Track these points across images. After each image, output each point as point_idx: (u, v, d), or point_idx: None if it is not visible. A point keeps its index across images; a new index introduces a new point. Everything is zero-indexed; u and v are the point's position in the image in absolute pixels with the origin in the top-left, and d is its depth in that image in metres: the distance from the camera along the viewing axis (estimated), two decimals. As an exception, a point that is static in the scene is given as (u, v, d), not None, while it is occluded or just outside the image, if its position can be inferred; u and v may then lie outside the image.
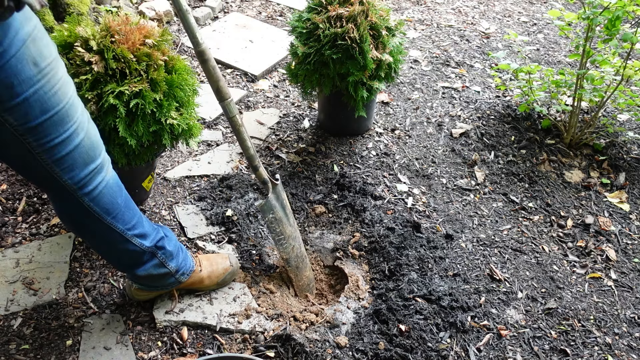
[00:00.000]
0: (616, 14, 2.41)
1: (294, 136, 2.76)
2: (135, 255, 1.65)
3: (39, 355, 1.70)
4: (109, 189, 1.50)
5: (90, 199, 1.45)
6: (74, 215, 1.51)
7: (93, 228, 1.53)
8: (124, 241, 1.59)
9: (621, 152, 2.84)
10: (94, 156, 1.43)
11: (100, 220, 1.51)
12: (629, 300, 2.09)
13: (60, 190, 1.41)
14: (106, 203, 1.50)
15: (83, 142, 1.37)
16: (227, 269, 1.93)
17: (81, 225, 1.54)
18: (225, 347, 1.78)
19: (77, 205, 1.46)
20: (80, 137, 1.36)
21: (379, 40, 2.45)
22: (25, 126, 1.24)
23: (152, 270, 1.71)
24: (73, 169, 1.38)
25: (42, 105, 1.24)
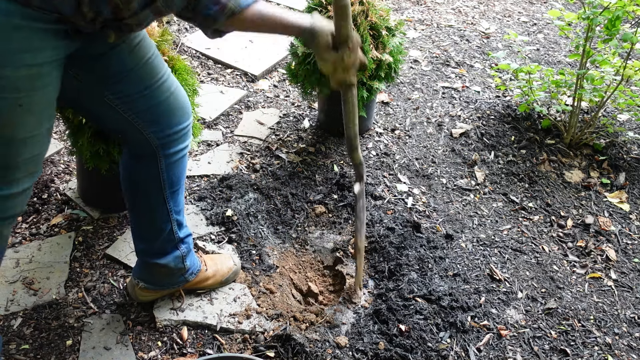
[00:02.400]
0: (616, 14, 2.41)
1: (294, 136, 2.76)
2: (167, 240, 1.69)
3: (39, 355, 1.70)
4: (182, 163, 1.60)
5: (166, 164, 1.53)
6: (142, 176, 1.56)
7: (150, 195, 1.59)
8: (166, 221, 1.65)
9: (621, 152, 2.84)
10: (180, 119, 1.50)
11: (162, 190, 1.58)
12: (629, 300, 2.09)
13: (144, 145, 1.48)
14: (175, 175, 1.58)
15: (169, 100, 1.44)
16: (231, 268, 1.94)
17: (142, 188, 1.60)
18: (225, 347, 1.78)
19: (152, 165, 1.53)
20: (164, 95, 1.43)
21: (379, 40, 2.45)
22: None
23: (172, 263, 1.73)
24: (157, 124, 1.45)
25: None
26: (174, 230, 1.68)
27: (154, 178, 1.56)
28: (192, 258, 1.82)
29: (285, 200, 2.34)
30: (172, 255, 1.73)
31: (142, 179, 1.59)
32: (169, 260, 1.73)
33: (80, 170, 2.17)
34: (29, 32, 1.10)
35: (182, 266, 1.77)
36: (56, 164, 2.41)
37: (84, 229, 2.12)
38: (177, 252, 1.74)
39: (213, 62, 3.27)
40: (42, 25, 1.11)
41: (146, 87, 1.41)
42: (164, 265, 1.73)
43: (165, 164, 1.55)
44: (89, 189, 2.21)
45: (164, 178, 1.56)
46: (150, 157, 1.52)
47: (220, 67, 3.25)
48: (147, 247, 1.72)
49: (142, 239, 1.72)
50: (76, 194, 2.26)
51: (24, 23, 1.08)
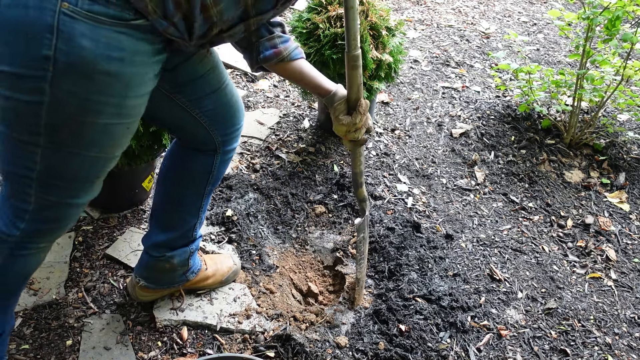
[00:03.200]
0: (616, 14, 2.41)
1: (294, 136, 2.76)
2: (184, 236, 1.73)
3: (39, 355, 1.70)
4: (227, 163, 1.69)
5: (221, 160, 1.63)
6: (195, 168, 1.63)
7: (193, 187, 1.66)
8: (195, 214, 1.71)
9: (621, 152, 2.84)
10: (238, 120, 1.61)
11: (205, 184, 1.66)
12: (629, 300, 2.09)
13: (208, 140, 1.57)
14: (221, 173, 1.67)
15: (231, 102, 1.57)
16: (231, 268, 1.94)
17: (188, 179, 1.66)
18: (225, 347, 1.78)
19: (209, 160, 1.61)
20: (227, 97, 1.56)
21: (379, 40, 2.45)
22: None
23: (177, 258, 1.75)
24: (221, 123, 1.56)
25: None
26: (195, 227, 1.74)
27: (206, 171, 1.64)
28: (195, 257, 1.84)
29: (285, 200, 2.34)
30: (182, 250, 1.75)
31: (193, 170, 1.64)
32: (176, 254, 1.74)
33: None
34: (151, 64, 1.21)
35: (186, 264, 1.79)
36: (56, 164, 2.41)
37: (84, 229, 2.12)
38: (187, 249, 1.76)
39: (213, 62, 3.27)
40: (157, 56, 1.22)
41: (214, 91, 1.53)
42: (169, 260, 1.73)
43: (220, 160, 1.63)
44: (89, 189, 2.20)
45: (213, 173, 1.64)
46: (210, 152, 1.61)
47: (220, 67, 3.25)
48: (163, 238, 1.73)
49: (163, 229, 1.73)
50: (76, 194, 2.26)
51: (147, 59, 1.19)
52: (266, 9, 1.29)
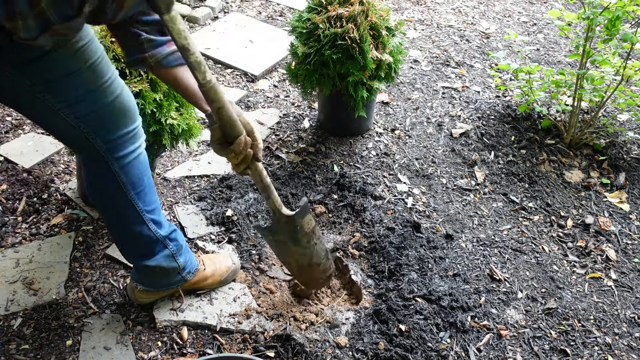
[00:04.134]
0: (616, 14, 2.41)
1: (294, 136, 2.76)
2: (149, 241, 1.66)
3: (39, 355, 1.70)
4: (139, 163, 1.56)
5: (119, 166, 1.51)
6: (101, 181, 1.55)
7: (115, 199, 1.57)
8: (140, 222, 1.61)
9: (621, 152, 2.84)
10: (126, 122, 1.48)
11: (125, 192, 1.55)
12: (629, 300, 2.09)
13: (91, 150, 1.47)
14: (134, 176, 1.55)
15: (114, 104, 1.43)
16: (230, 267, 1.94)
17: (105, 194, 1.58)
18: (225, 347, 1.78)
19: (106, 170, 1.50)
20: (109, 98, 1.42)
21: (379, 40, 2.45)
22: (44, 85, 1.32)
23: (163, 262, 1.71)
24: (101, 128, 1.44)
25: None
26: (151, 229, 1.64)
27: (112, 182, 1.53)
28: (186, 256, 1.79)
29: (285, 200, 2.34)
30: (161, 254, 1.70)
31: (102, 184, 1.55)
32: (159, 261, 1.70)
33: (80, 170, 2.17)
34: None
35: (175, 265, 1.75)
36: (56, 164, 2.41)
37: (84, 229, 2.12)
38: (166, 250, 1.71)
39: (213, 62, 3.27)
40: None
41: (89, 91, 1.38)
42: (156, 266, 1.71)
43: (119, 167, 1.51)
44: (89, 189, 2.20)
45: (122, 181, 1.53)
46: (101, 161, 1.49)
47: (220, 67, 3.25)
48: (131, 250, 1.71)
49: (123, 244, 1.71)
50: (76, 194, 2.26)
51: None
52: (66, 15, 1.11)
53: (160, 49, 1.35)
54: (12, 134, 2.54)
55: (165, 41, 1.36)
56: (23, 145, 2.46)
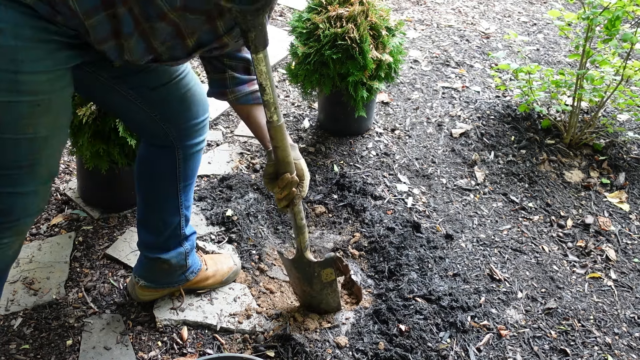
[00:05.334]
0: (616, 14, 2.41)
1: (294, 136, 2.76)
2: (172, 235, 1.70)
3: (39, 355, 1.70)
4: (199, 156, 1.65)
5: (183, 155, 1.58)
6: (158, 165, 1.60)
7: (164, 186, 1.63)
8: (175, 214, 1.67)
9: (621, 152, 2.84)
10: (198, 113, 1.55)
11: (176, 181, 1.62)
12: (629, 300, 2.09)
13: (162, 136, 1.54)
14: (190, 168, 1.63)
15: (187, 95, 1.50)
16: (231, 268, 1.94)
17: (156, 178, 1.63)
18: (225, 347, 1.78)
19: (169, 156, 1.57)
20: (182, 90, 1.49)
21: (379, 40, 2.45)
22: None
23: (174, 259, 1.74)
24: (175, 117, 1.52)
25: None
26: (181, 225, 1.70)
27: (171, 169, 1.60)
28: (193, 257, 1.82)
29: (285, 200, 2.34)
30: (176, 251, 1.74)
31: (159, 170, 1.62)
32: (172, 256, 1.73)
33: (80, 170, 2.17)
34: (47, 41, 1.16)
35: (184, 264, 1.78)
36: (56, 164, 2.41)
37: (84, 229, 2.12)
38: (181, 248, 1.75)
39: (213, 62, 3.27)
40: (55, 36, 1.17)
41: (164, 84, 1.46)
42: (166, 261, 1.73)
43: (183, 156, 1.59)
44: (89, 189, 2.21)
45: (180, 170, 1.60)
46: (168, 148, 1.57)
47: (220, 67, 3.25)
48: (152, 240, 1.72)
49: (149, 232, 1.73)
50: (76, 194, 2.26)
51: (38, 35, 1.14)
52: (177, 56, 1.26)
53: (241, 87, 1.44)
54: (12, 134, 2.54)
55: (248, 80, 1.44)
56: (23, 145, 2.46)
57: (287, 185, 1.45)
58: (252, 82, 1.46)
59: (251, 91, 1.45)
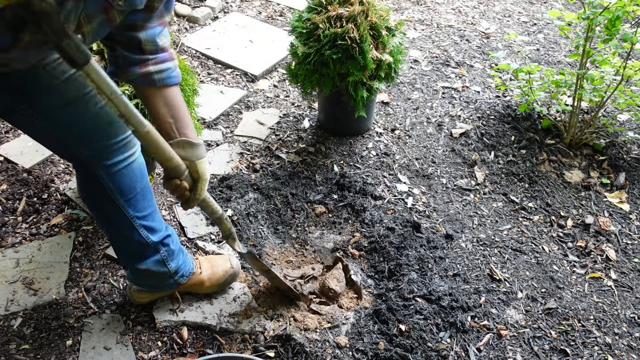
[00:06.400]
0: (616, 14, 2.41)
1: (294, 136, 2.76)
2: (139, 246, 1.64)
3: (39, 355, 1.70)
4: (131, 171, 1.52)
5: (107, 174, 1.48)
6: (89, 187, 1.54)
7: (104, 205, 1.55)
8: (130, 228, 1.60)
9: (621, 152, 2.84)
10: (114, 132, 1.43)
11: (113, 199, 1.52)
12: (629, 300, 2.09)
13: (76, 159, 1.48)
14: (123, 184, 1.52)
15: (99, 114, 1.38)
16: (228, 271, 1.91)
17: (94, 199, 1.57)
18: (225, 347, 1.78)
19: (92, 177, 1.48)
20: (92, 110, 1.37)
21: (379, 40, 2.45)
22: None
23: (152, 267, 1.70)
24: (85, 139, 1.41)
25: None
26: (143, 235, 1.62)
27: (100, 189, 1.50)
28: (178, 261, 1.76)
29: (285, 200, 2.34)
30: (152, 259, 1.69)
31: (91, 190, 1.55)
32: (149, 265, 1.69)
33: (80, 170, 2.17)
34: None
35: (165, 269, 1.73)
36: (56, 164, 2.41)
37: (84, 229, 2.12)
38: (157, 255, 1.69)
39: (213, 62, 3.27)
40: None
41: (68, 103, 1.34)
42: (146, 270, 1.70)
43: (106, 175, 1.48)
44: (89, 189, 2.21)
45: (110, 188, 1.50)
46: (87, 169, 1.48)
47: (220, 67, 3.25)
48: (121, 252, 1.71)
49: (115, 246, 1.72)
50: (76, 194, 2.26)
51: None
52: None
53: (132, 69, 1.32)
54: (12, 134, 2.54)
55: (140, 61, 1.32)
56: (23, 145, 2.46)
57: (174, 190, 1.36)
58: (146, 63, 1.31)
59: (142, 73, 1.32)
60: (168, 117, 1.36)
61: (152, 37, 1.30)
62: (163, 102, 1.36)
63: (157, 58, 1.33)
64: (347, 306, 1.95)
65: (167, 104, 1.36)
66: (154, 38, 1.31)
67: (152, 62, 1.33)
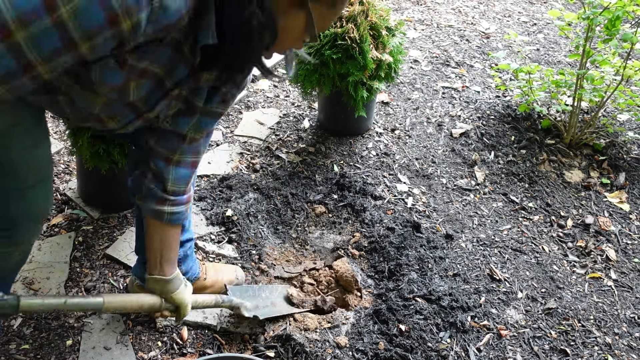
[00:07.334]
0: (616, 14, 2.41)
1: (294, 136, 2.76)
2: None
3: (39, 355, 1.70)
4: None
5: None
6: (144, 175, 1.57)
7: None
8: None
9: (621, 152, 2.84)
10: None
11: None
12: (629, 300, 2.09)
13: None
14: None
15: None
16: (232, 282, 1.91)
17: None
18: (225, 347, 1.78)
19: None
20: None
21: (379, 40, 2.45)
22: None
23: None
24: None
25: None
26: None
27: None
28: (189, 264, 1.79)
29: (285, 200, 2.34)
30: None
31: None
32: None
33: (80, 170, 2.17)
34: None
35: None
36: (56, 164, 2.41)
37: (84, 229, 2.12)
38: None
39: (213, 62, 3.27)
40: None
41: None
42: None
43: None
44: (89, 189, 2.21)
45: None
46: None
47: (220, 67, 3.25)
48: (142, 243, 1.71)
49: (141, 237, 1.72)
50: (76, 194, 2.26)
51: None
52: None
53: (149, 200, 1.37)
54: (12, 134, 2.54)
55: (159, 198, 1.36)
56: (23, 145, 2.46)
57: (161, 316, 1.51)
58: (163, 202, 1.38)
59: (155, 210, 1.38)
60: (157, 251, 1.43)
61: (179, 179, 1.36)
62: (159, 237, 1.42)
63: (176, 200, 1.38)
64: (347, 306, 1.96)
65: (162, 240, 1.43)
66: (182, 181, 1.37)
67: (170, 203, 1.38)
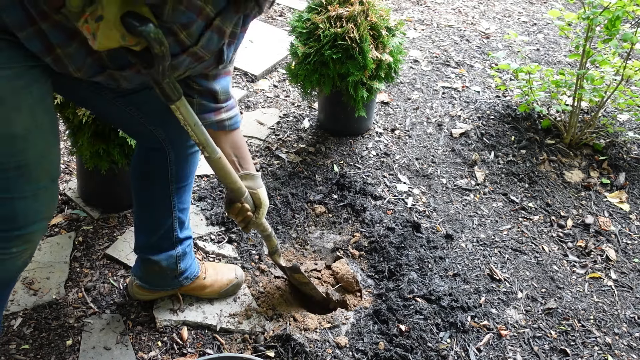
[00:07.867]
0: (616, 14, 2.41)
1: (294, 136, 2.76)
2: (165, 237, 1.70)
3: (39, 355, 1.70)
4: (194, 159, 1.66)
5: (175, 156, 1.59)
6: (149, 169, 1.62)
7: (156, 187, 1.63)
8: (168, 216, 1.67)
9: (621, 152, 2.84)
10: None
11: (168, 183, 1.62)
12: (629, 300, 2.09)
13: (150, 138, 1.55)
14: (184, 170, 1.64)
15: None
16: (232, 281, 1.91)
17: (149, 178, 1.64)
18: (225, 347, 1.78)
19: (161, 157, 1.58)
20: None
21: (379, 40, 2.45)
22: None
23: (164, 262, 1.72)
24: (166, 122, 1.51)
25: None
26: (174, 227, 1.69)
27: (162, 169, 1.60)
28: (187, 262, 1.79)
29: (285, 200, 2.34)
30: (167, 254, 1.72)
31: (150, 169, 1.62)
32: (161, 258, 1.71)
33: (80, 170, 2.17)
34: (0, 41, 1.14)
35: (174, 267, 1.75)
36: (56, 164, 2.41)
37: (84, 229, 2.12)
38: (173, 252, 1.73)
39: (213, 62, 3.27)
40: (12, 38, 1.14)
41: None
42: (157, 263, 1.72)
43: (175, 157, 1.59)
44: (89, 189, 2.21)
45: (172, 171, 1.60)
46: (160, 149, 1.58)
47: (220, 67, 3.25)
48: (144, 240, 1.72)
49: (141, 231, 1.73)
50: (76, 194, 2.26)
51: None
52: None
53: (207, 115, 1.45)
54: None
55: (215, 109, 1.45)
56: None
57: (238, 213, 1.52)
58: (219, 111, 1.47)
59: (217, 120, 1.47)
60: (232, 155, 1.51)
61: (225, 88, 1.46)
62: (229, 144, 1.51)
63: (228, 106, 1.48)
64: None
65: (233, 145, 1.52)
66: (227, 89, 1.46)
67: (224, 109, 1.48)
